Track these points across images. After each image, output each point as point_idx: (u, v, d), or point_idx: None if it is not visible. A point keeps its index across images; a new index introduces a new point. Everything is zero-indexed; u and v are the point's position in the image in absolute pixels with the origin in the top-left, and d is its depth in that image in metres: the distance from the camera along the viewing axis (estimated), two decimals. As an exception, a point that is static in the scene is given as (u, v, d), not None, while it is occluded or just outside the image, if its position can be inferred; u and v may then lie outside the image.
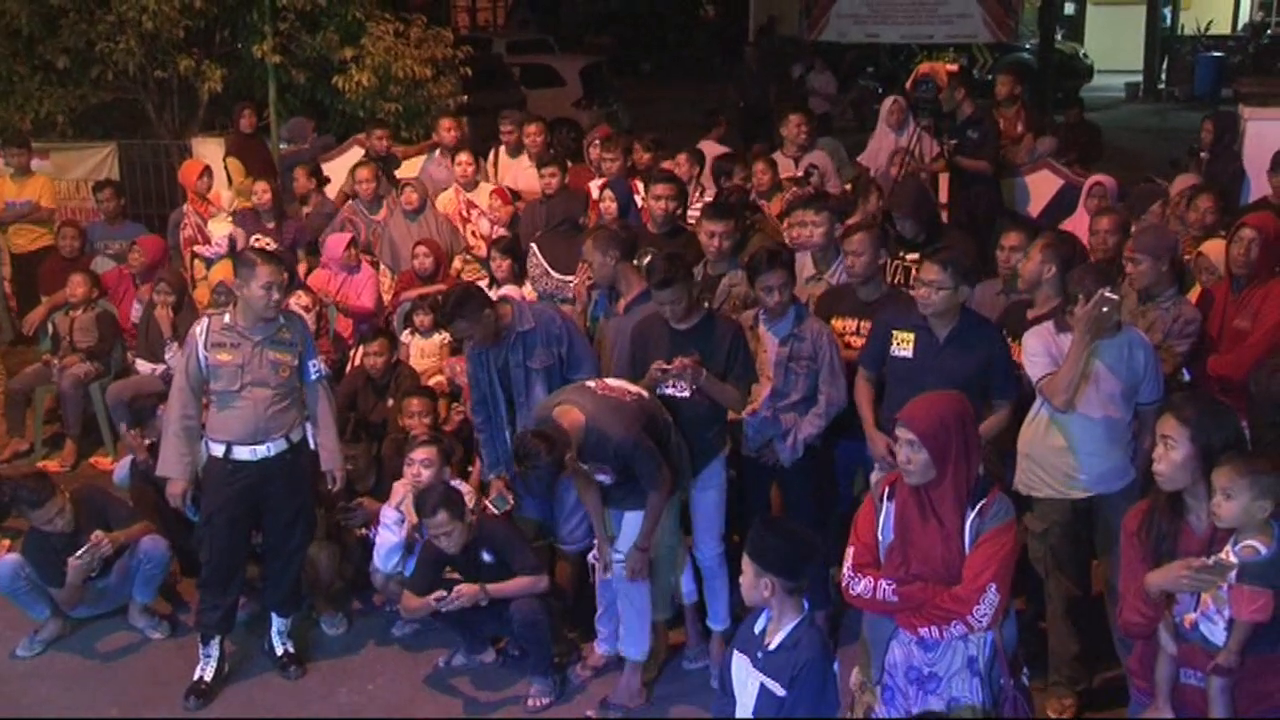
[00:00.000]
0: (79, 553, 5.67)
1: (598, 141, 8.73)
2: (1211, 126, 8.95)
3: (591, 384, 5.13)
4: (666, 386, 5.23)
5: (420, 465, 5.70)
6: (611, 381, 5.19)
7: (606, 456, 4.91)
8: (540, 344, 5.51)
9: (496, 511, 5.67)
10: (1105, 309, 4.60)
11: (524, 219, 8.21)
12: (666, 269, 5.17)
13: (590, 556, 5.53)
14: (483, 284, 7.01)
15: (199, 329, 5.37)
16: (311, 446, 5.62)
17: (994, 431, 5.03)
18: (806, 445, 5.39)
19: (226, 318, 5.35)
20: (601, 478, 5.04)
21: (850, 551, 3.90)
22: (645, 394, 5.13)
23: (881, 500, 3.91)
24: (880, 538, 3.89)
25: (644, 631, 5.24)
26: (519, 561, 5.36)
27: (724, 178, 7.96)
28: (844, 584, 3.88)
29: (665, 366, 5.09)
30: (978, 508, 3.77)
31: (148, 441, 6.16)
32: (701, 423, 5.25)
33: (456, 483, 5.82)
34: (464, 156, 8.86)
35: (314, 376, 5.52)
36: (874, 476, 5.31)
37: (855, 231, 5.66)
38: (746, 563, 3.62)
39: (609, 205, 7.18)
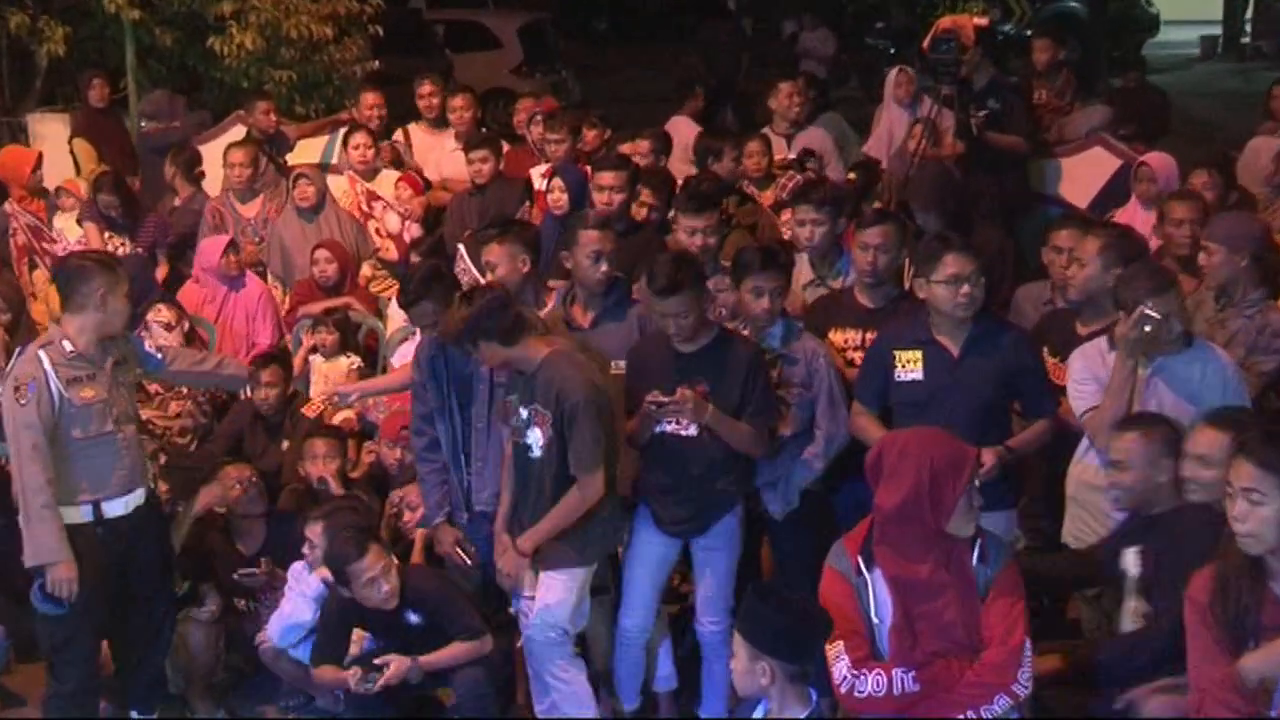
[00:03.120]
0: None
1: (540, 119, 8.75)
2: None
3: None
4: (666, 423, 5.21)
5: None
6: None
7: (547, 401, 4.97)
8: None
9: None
10: (1148, 328, 4.64)
11: (452, 214, 8.23)
12: (671, 272, 5.09)
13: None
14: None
15: (45, 365, 5.08)
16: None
17: (1034, 446, 5.10)
18: (802, 493, 5.40)
19: (66, 345, 5.17)
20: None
21: (840, 646, 3.87)
22: None
23: (857, 573, 3.92)
24: (875, 620, 3.90)
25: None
26: (456, 621, 5.29)
27: (712, 158, 7.89)
28: (842, 689, 3.86)
29: (662, 399, 5.04)
30: (976, 551, 3.87)
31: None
32: (711, 468, 5.22)
33: None
34: (359, 138, 8.79)
35: (159, 356, 5.64)
36: None
37: (875, 223, 5.58)
38: (739, 642, 3.63)
39: (558, 196, 7.19)
